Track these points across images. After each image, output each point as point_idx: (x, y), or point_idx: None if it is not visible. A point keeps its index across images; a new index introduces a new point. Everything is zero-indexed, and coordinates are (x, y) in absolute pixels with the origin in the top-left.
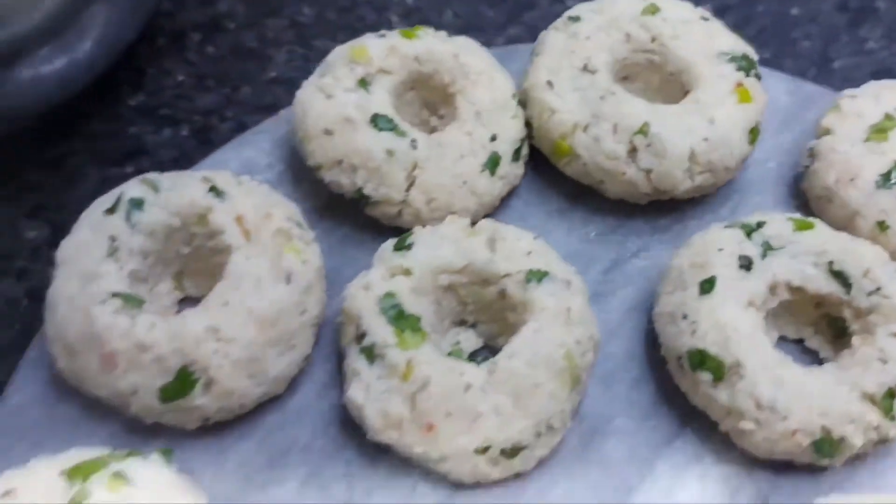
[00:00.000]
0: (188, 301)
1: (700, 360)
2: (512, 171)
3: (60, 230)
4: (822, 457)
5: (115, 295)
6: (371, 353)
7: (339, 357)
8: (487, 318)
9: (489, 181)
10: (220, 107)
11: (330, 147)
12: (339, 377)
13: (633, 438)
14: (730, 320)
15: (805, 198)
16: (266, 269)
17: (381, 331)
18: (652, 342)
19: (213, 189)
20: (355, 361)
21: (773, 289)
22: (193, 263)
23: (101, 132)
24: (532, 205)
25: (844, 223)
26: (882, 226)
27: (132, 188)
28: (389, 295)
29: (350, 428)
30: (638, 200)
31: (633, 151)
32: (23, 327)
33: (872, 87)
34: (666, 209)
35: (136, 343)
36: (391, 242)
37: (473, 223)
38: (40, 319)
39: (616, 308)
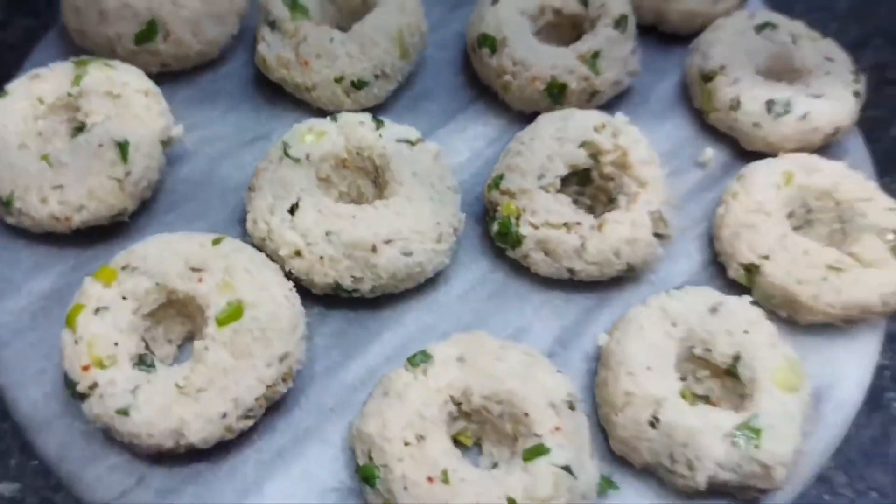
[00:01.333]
0: None
1: (484, 39)
2: None
3: None
4: (555, 102)
5: None
6: (273, 24)
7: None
8: (348, 14)
9: None
10: None
11: None
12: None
13: (445, 101)
14: (504, 16)
15: None
16: None
17: (280, 10)
18: (464, 52)
19: None
20: (262, 30)
21: (542, 10)
22: None
23: None
24: None
25: None
26: None
27: None
28: None
29: (263, 81)
30: None
31: None
32: None
33: None
34: None
35: (122, 2)
36: None
37: None
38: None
39: (446, 22)
